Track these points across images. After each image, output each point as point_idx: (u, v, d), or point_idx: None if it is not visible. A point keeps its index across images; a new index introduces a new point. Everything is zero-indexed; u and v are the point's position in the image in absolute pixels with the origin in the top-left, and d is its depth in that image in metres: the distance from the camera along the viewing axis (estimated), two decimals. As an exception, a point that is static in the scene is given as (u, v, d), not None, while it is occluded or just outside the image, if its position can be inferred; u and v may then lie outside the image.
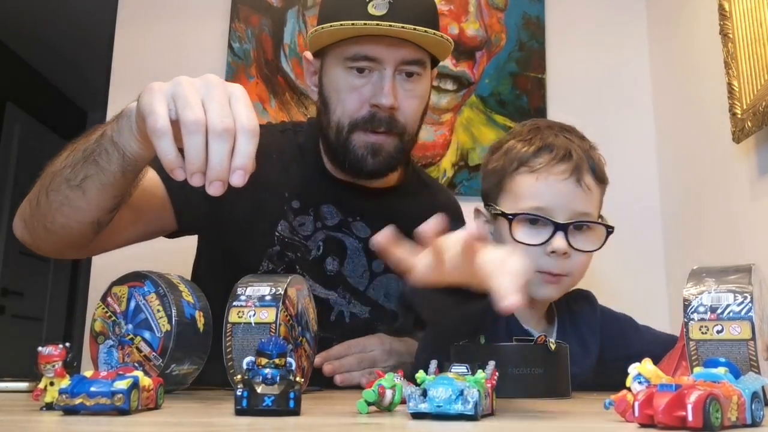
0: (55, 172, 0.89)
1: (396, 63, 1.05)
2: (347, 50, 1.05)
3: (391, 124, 1.06)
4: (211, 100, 0.68)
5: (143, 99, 0.72)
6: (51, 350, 0.57)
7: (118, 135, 0.80)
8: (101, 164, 0.83)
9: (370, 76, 1.05)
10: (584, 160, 1.01)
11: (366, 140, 1.06)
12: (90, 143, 0.85)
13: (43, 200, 0.90)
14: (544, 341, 0.83)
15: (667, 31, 1.96)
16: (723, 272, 0.64)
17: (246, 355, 0.64)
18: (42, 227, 0.93)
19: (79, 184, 0.85)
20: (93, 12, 3.31)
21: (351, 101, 1.06)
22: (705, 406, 0.41)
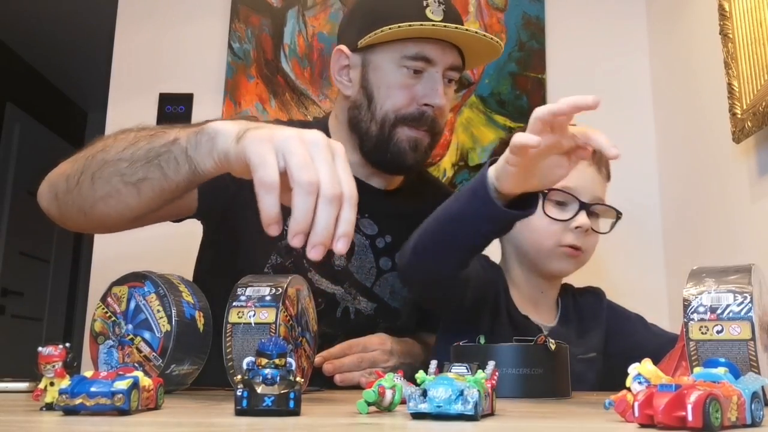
0: (106, 160, 0.86)
1: (445, 67, 1.11)
2: (407, 49, 1.09)
3: (434, 124, 1.12)
4: (321, 161, 0.68)
5: (252, 147, 0.70)
6: (51, 350, 0.57)
7: (194, 150, 0.79)
8: (166, 171, 0.81)
9: (421, 77, 1.10)
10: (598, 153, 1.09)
11: (409, 135, 1.11)
12: (155, 145, 0.82)
13: (86, 184, 0.88)
14: (544, 341, 0.83)
15: (667, 31, 1.96)
16: (723, 272, 0.64)
17: (246, 355, 0.64)
18: (77, 208, 0.91)
19: (135, 182, 0.83)
20: (93, 12, 3.31)
21: (401, 97, 1.10)
22: (705, 406, 0.41)
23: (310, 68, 2.02)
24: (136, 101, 2.02)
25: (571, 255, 1.12)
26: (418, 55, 1.09)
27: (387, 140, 1.11)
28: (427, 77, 1.10)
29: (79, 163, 0.90)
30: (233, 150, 0.73)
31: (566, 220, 1.11)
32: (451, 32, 1.07)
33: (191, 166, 0.79)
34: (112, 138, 0.89)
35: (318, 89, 2.01)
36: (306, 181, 0.66)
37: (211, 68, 2.03)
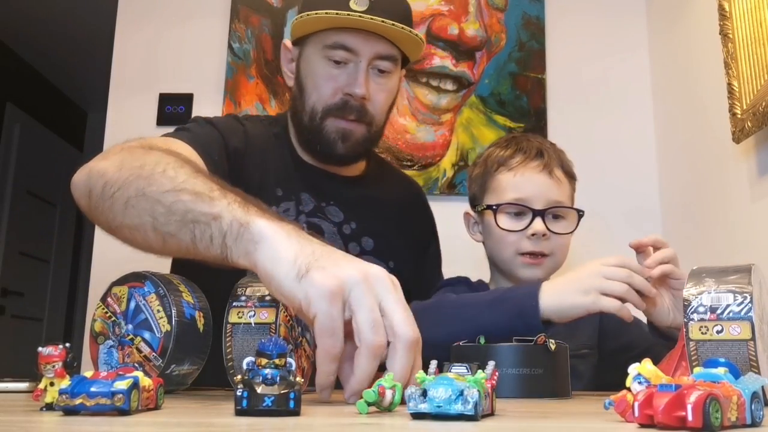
0: (146, 193, 0.79)
1: (371, 57, 1.11)
2: (327, 39, 1.11)
3: (361, 113, 1.12)
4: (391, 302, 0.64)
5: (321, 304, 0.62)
6: (51, 351, 0.57)
7: (233, 241, 0.70)
8: (197, 243, 0.74)
9: (346, 67, 1.12)
10: (554, 157, 1.19)
11: (337, 126, 1.13)
12: (196, 208, 0.74)
13: (119, 204, 0.81)
14: (544, 341, 0.83)
15: (667, 31, 1.96)
16: (723, 272, 0.64)
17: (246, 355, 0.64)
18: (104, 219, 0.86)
19: (164, 234, 0.77)
20: (93, 12, 3.31)
21: (326, 88, 1.12)
22: (705, 406, 0.41)
23: (310, 68, 2.02)
24: (136, 101, 2.02)
25: (532, 262, 1.17)
26: (337, 44, 1.11)
27: (317, 131, 1.14)
28: (349, 68, 1.12)
29: (123, 173, 0.83)
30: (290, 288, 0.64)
31: (521, 230, 1.16)
32: (364, 22, 1.07)
33: (224, 252, 0.71)
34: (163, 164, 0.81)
35: (318, 89, 2.01)
36: (375, 344, 0.62)
37: (211, 68, 2.03)
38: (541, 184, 1.17)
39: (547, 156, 1.19)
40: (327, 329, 0.62)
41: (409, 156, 1.97)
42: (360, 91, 1.10)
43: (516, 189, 1.17)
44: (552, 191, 1.17)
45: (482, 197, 1.22)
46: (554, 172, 1.18)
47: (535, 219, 1.15)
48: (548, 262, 1.18)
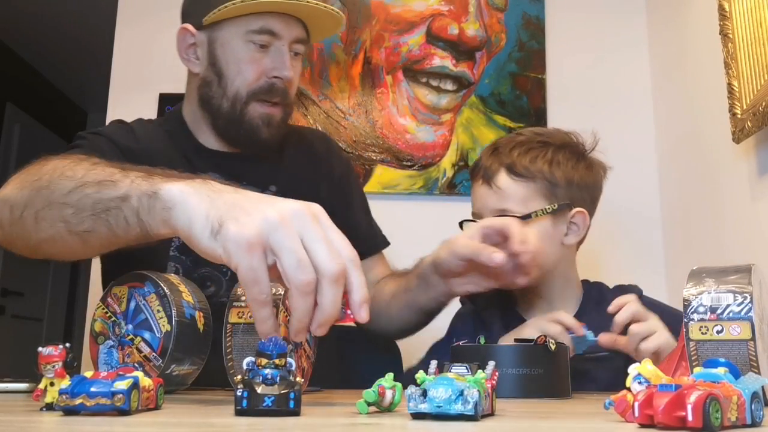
0: (51, 201, 0.78)
1: (291, 40, 1.13)
2: (251, 24, 1.11)
3: (284, 95, 1.14)
4: (312, 239, 0.63)
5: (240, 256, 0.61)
6: (51, 351, 0.57)
7: (146, 214, 0.71)
8: (115, 229, 0.73)
9: (268, 50, 1.12)
10: (492, 164, 1.16)
11: (261, 111, 1.13)
12: (103, 197, 0.74)
13: (29, 221, 0.80)
14: (545, 341, 0.83)
15: (667, 31, 1.96)
16: (723, 272, 0.64)
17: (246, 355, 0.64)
18: (23, 242, 0.85)
19: (80, 233, 0.76)
20: (93, 12, 3.31)
21: (251, 72, 1.12)
22: (705, 406, 0.41)
23: (310, 68, 2.02)
24: (136, 101, 2.02)
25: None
26: (263, 29, 1.11)
27: (239, 117, 1.13)
28: (274, 51, 1.12)
29: (24, 191, 0.82)
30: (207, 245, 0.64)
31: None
32: (293, 5, 1.09)
33: (143, 228, 0.72)
34: (59, 169, 0.80)
35: (318, 89, 2.01)
36: (303, 282, 0.61)
37: (211, 68, 2.03)
38: (481, 196, 1.17)
39: (484, 163, 1.17)
40: (250, 280, 0.61)
41: (409, 156, 1.98)
42: (288, 73, 1.12)
43: (473, 204, 1.20)
44: (491, 201, 1.15)
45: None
46: (494, 180, 1.15)
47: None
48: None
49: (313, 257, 0.62)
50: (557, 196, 1.15)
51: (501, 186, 1.15)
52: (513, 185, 1.15)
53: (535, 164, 1.15)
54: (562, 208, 1.15)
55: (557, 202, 1.15)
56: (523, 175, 1.15)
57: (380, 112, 2.00)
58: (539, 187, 1.15)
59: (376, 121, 2.00)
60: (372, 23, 2.05)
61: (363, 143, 1.98)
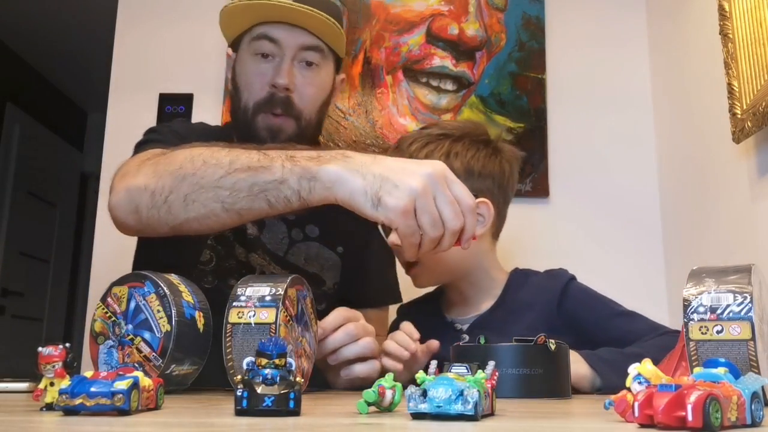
0: (202, 185, 0.89)
1: (295, 48, 1.13)
2: (253, 33, 1.14)
3: (287, 106, 1.13)
4: (442, 202, 0.83)
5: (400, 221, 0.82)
6: (51, 351, 0.57)
7: (308, 194, 0.85)
8: (275, 205, 0.87)
9: (273, 61, 1.13)
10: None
11: (267, 122, 1.14)
12: (259, 180, 0.86)
13: (177, 204, 0.90)
14: (545, 341, 0.83)
15: (667, 31, 1.96)
16: (723, 272, 0.64)
17: (246, 355, 0.64)
18: (164, 223, 0.93)
19: (238, 210, 0.88)
20: (93, 12, 3.31)
21: (255, 84, 1.14)
22: (705, 406, 0.41)
23: (310, 68, 2.02)
24: (136, 101, 2.02)
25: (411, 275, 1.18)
26: (261, 35, 1.13)
27: (250, 130, 1.15)
28: (276, 61, 1.13)
29: (164, 180, 0.92)
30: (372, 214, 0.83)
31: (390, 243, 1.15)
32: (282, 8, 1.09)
33: (303, 203, 0.87)
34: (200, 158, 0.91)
35: (318, 89, 2.01)
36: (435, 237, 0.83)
37: (210, 68, 2.03)
38: None
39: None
40: (408, 234, 0.83)
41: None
42: (282, 80, 1.11)
43: None
44: None
45: None
46: None
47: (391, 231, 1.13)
48: (421, 271, 1.16)
49: (443, 216, 0.83)
50: None
51: None
52: None
53: (431, 158, 1.13)
54: None
55: None
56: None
57: (380, 112, 2.00)
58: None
59: (376, 121, 2.00)
60: (372, 23, 2.05)
61: (363, 143, 1.98)
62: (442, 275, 1.19)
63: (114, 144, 2.01)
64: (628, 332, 1.10)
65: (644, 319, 1.15)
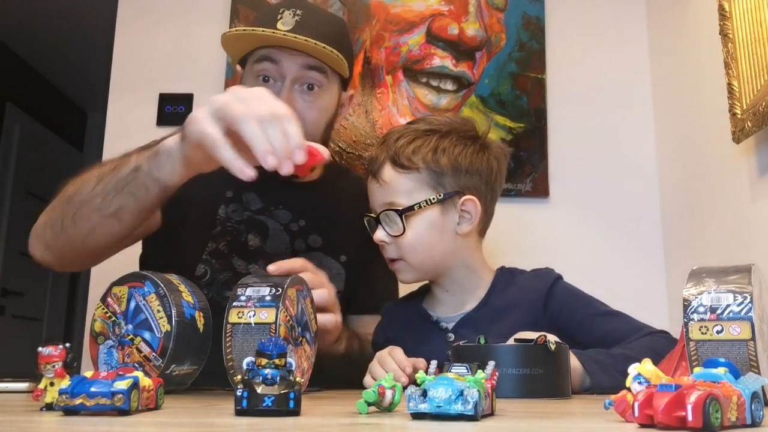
0: (81, 201, 0.97)
1: (295, 72, 1.15)
2: (255, 55, 1.17)
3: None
4: (245, 100, 0.81)
5: (191, 129, 0.84)
6: (51, 351, 0.57)
7: (157, 171, 0.91)
8: (139, 196, 0.93)
9: (273, 86, 1.15)
10: (379, 156, 1.14)
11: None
12: (122, 176, 0.93)
13: (69, 227, 0.99)
14: (544, 341, 0.83)
15: (667, 31, 1.96)
16: (723, 272, 0.64)
17: (246, 355, 0.64)
18: (70, 248, 1.02)
19: (114, 213, 0.95)
20: (93, 12, 3.31)
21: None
22: (705, 406, 0.41)
23: (310, 68, 2.02)
24: (136, 101, 2.02)
25: (393, 269, 1.17)
26: (264, 57, 1.15)
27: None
28: (277, 86, 1.15)
29: (57, 211, 1.02)
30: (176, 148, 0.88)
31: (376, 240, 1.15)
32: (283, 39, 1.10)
33: (160, 185, 0.91)
34: (79, 181, 1.00)
35: (318, 89, 2.01)
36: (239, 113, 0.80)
37: (211, 68, 2.03)
38: (372, 191, 1.15)
39: (370, 157, 1.17)
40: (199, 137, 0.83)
41: (409, 156, 1.98)
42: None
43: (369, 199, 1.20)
44: (380, 195, 1.13)
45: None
46: (379, 174, 1.13)
47: (377, 227, 1.13)
48: (403, 266, 1.15)
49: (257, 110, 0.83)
50: (444, 185, 1.12)
51: (386, 179, 1.12)
52: (397, 177, 1.12)
53: (418, 154, 1.12)
54: (450, 195, 1.12)
55: (444, 191, 1.12)
56: (407, 167, 1.12)
57: (380, 112, 2.00)
58: (424, 177, 1.12)
59: (376, 121, 2.00)
60: (372, 23, 2.05)
61: (363, 143, 1.98)
62: (426, 271, 1.17)
63: (114, 144, 2.00)
64: (612, 331, 1.09)
65: (629, 319, 1.14)
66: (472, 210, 1.14)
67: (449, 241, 1.14)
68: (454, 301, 1.19)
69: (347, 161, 1.97)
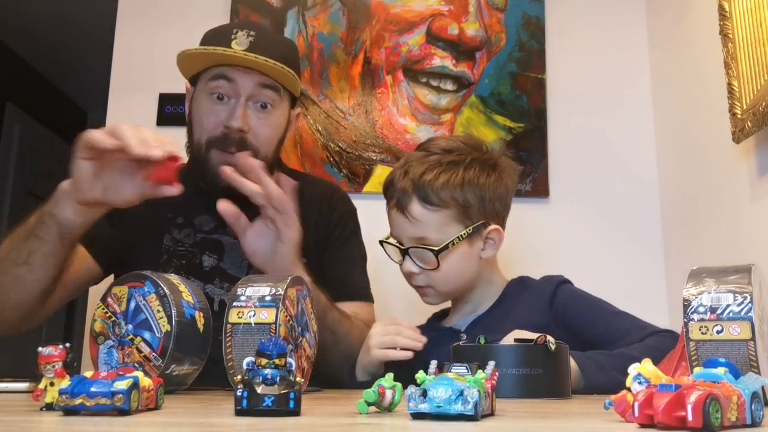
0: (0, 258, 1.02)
1: (250, 90, 1.18)
2: (209, 73, 1.19)
3: (241, 145, 1.17)
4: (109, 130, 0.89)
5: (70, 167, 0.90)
6: (51, 351, 0.57)
7: (53, 207, 0.95)
8: (42, 236, 0.96)
9: (228, 103, 1.18)
10: (405, 188, 1.17)
11: (221, 158, 1.16)
12: (29, 224, 0.99)
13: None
14: (545, 341, 0.83)
15: (667, 31, 1.96)
16: (723, 272, 0.64)
17: (246, 355, 0.64)
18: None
19: (25, 260, 0.98)
20: (93, 12, 3.31)
21: (209, 122, 1.19)
22: (705, 406, 0.41)
23: (310, 68, 2.02)
24: (136, 101, 2.02)
25: (420, 293, 1.21)
26: (219, 75, 1.17)
27: (203, 164, 1.19)
28: (231, 103, 1.18)
29: None
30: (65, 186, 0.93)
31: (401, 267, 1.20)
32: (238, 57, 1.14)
33: (56, 221, 0.95)
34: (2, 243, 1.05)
35: (318, 89, 2.01)
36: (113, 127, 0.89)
37: (211, 68, 2.03)
38: (398, 224, 1.18)
39: (398, 189, 1.18)
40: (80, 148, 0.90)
41: (409, 156, 1.98)
42: (236, 123, 1.16)
43: (389, 224, 1.22)
44: (408, 229, 1.16)
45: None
46: (408, 209, 1.16)
47: (405, 257, 1.18)
48: (432, 293, 1.20)
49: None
50: (471, 217, 1.17)
51: (416, 216, 1.16)
52: (427, 215, 1.16)
53: (446, 190, 1.15)
54: (478, 228, 1.17)
55: (472, 224, 1.17)
56: (437, 204, 1.16)
57: (380, 112, 2.00)
58: (453, 213, 1.16)
59: (376, 121, 2.00)
60: (372, 23, 2.05)
61: (363, 143, 1.98)
62: (452, 295, 1.24)
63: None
64: (616, 329, 1.12)
65: (632, 318, 1.17)
66: (496, 237, 1.20)
67: (475, 265, 1.20)
68: (467, 308, 1.25)
69: (347, 161, 1.97)
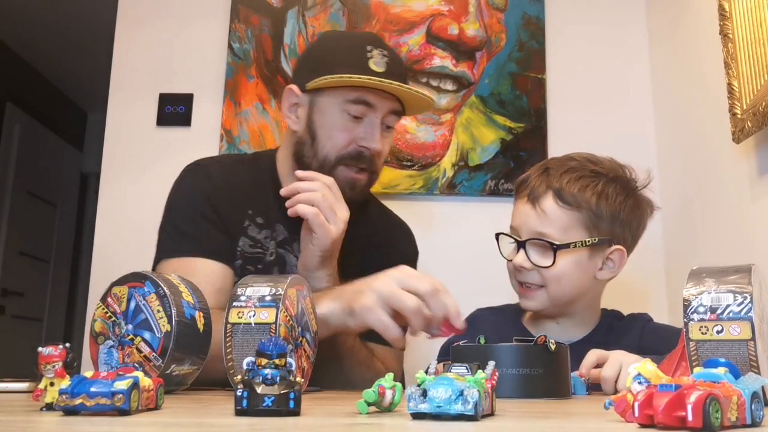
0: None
1: (384, 113, 1.21)
2: (349, 94, 1.19)
3: (371, 164, 1.22)
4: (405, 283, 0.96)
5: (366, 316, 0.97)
6: (51, 351, 0.57)
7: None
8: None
9: (362, 121, 1.20)
10: (543, 184, 1.18)
11: (347, 175, 1.20)
12: None
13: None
14: (545, 341, 0.83)
15: (668, 31, 1.96)
16: (723, 272, 0.64)
17: (246, 355, 0.64)
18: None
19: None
20: (93, 12, 3.31)
21: (342, 139, 1.19)
22: (705, 406, 0.41)
23: (310, 68, 2.02)
24: (136, 101, 2.02)
25: (523, 292, 1.18)
26: (359, 100, 1.18)
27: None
28: (366, 122, 1.19)
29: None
30: (353, 323, 0.99)
31: (510, 260, 1.18)
32: (386, 85, 1.16)
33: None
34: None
35: (318, 89, 2.01)
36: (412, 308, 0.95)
37: (211, 68, 2.03)
38: (524, 214, 1.18)
39: (535, 183, 1.18)
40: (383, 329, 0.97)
41: (409, 156, 1.98)
42: (376, 146, 1.20)
43: (513, 217, 1.22)
44: (533, 222, 1.16)
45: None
46: (540, 202, 1.16)
47: (519, 250, 1.16)
48: (540, 294, 1.17)
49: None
50: (599, 230, 1.15)
51: (545, 209, 1.15)
52: (557, 211, 1.15)
53: (583, 194, 1.15)
54: (602, 243, 1.15)
55: (598, 236, 1.15)
56: (570, 203, 1.15)
57: (380, 112, 2.00)
58: (583, 218, 1.15)
59: (376, 121, 1.99)
60: (372, 23, 2.05)
61: (363, 143, 1.98)
62: (556, 304, 1.19)
63: (114, 144, 2.00)
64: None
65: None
66: (617, 260, 1.18)
67: (587, 283, 1.18)
68: (558, 330, 1.21)
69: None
